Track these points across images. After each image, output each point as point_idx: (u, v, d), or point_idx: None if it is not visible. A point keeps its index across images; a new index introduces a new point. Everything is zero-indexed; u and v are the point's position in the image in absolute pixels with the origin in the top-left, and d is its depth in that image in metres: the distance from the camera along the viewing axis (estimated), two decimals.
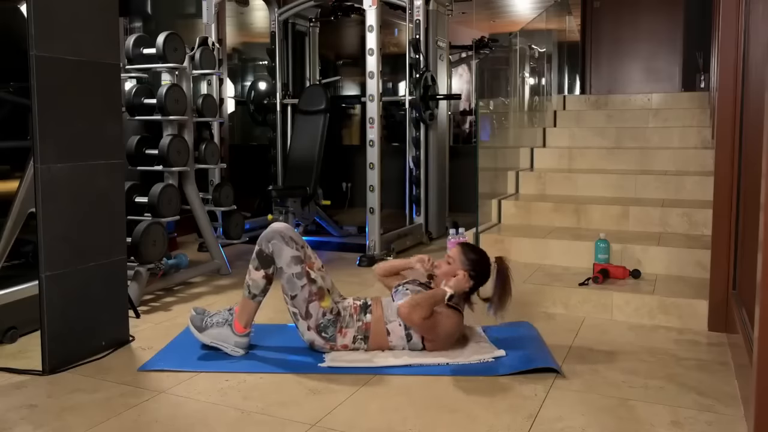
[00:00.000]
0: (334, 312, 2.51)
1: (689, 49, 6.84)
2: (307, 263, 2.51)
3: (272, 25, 5.46)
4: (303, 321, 2.49)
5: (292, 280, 2.46)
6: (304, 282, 2.45)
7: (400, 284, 2.67)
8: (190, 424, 2.01)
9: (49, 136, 2.36)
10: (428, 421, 2.02)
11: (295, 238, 2.52)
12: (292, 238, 2.50)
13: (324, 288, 2.53)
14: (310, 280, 2.48)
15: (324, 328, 2.49)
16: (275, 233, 2.49)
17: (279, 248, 2.47)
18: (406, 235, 4.82)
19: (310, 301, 2.46)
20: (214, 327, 2.55)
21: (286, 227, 2.55)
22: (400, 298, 2.55)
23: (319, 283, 2.51)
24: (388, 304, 2.58)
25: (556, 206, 4.10)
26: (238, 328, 2.54)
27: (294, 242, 2.49)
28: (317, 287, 2.49)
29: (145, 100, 3.77)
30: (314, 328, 2.48)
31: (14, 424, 2.00)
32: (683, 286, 3.18)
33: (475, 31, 8.48)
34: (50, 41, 2.36)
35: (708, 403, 2.14)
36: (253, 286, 2.52)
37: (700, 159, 4.46)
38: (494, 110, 4.98)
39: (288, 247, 2.46)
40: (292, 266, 2.45)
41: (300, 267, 2.46)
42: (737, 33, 2.70)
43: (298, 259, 2.47)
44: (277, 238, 2.48)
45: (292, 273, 2.45)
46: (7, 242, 2.80)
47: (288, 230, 2.53)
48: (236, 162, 6.16)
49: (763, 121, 1.81)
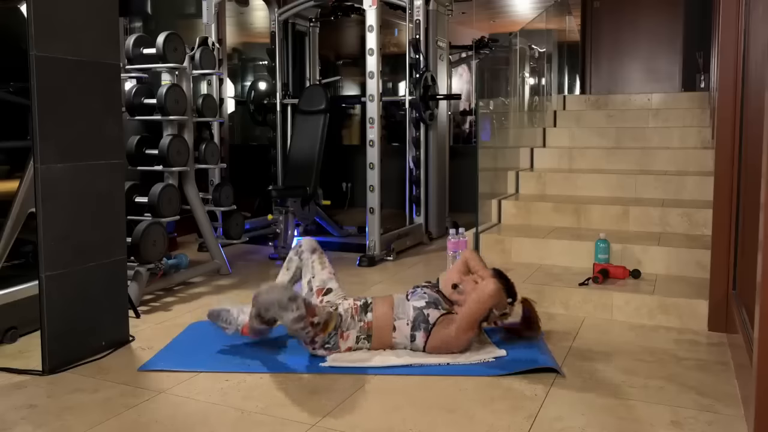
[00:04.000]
0: (337, 326, 2.51)
1: (689, 49, 6.83)
2: (310, 311, 2.41)
3: (272, 25, 5.46)
4: (308, 345, 2.50)
5: (296, 333, 2.45)
6: (308, 330, 2.42)
7: (418, 286, 2.67)
8: (190, 424, 2.01)
9: (49, 136, 2.36)
10: (428, 421, 2.02)
11: (296, 296, 2.42)
12: (290, 299, 2.37)
13: (328, 316, 2.48)
14: (314, 325, 2.43)
15: (327, 341, 2.50)
16: (272, 304, 2.38)
17: (278, 315, 2.41)
18: (406, 235, 4.82)
19: (315, 334, 2.46)
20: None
21: (280, 291, 2.41)
22: (416, 300, 2.56)
23: (323, 316, 2.46)
24: (401, 301, 2.58)
25: (556, 206, 4.10)
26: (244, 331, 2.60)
27: (294, 303, 2.37)
28: (322, 321, 2.45)
29: (145, 100, 3.77)
30: (320, 347, 2.49)
31: (14, 424, 2.00)
32: (683, 286, 3.18)
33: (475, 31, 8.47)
34: (50, 41, 2.36)
35: (708, 403, 2.14)
36: (257, 331, 2.58)
37: (700, 159, 4.46)
38: (494, 110, 4.97)
39: (287, 312, 2.37)
40: (294, 325, 2.40)
41: (302, 323, 2.39)
42: (737, 33, 2.70)
43: (299, 318, 2.38)
44: (273, 310, 2.39)
45: (295, 329, 2.42)
46: (7, 242, 2.80)
47: (284, 293, 2.39)
48: (236, 162, 6.16)
49: (763, 121, 1.81)
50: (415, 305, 2.54)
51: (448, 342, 2.49)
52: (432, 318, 2.50)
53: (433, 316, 2.50)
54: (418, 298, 2.56)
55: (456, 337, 2.48)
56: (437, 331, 2.48)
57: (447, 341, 2.49)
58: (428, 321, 2.49)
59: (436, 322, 2.49)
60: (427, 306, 2.53)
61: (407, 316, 2.52)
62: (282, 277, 2.80)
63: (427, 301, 2.54)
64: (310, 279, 2.74)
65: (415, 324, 2.50)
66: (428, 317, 2.50)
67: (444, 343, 2.49)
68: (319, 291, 2.70)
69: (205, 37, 4.20)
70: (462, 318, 2.49)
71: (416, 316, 2.51)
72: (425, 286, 2.67)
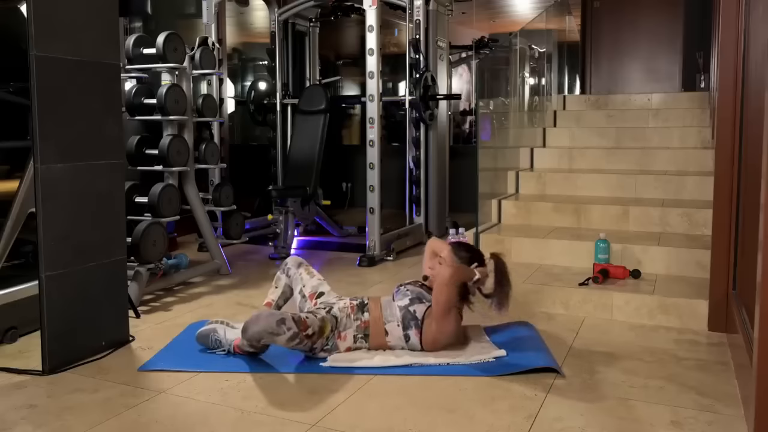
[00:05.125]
0: (334, 328, 2.50)
1: (689, 49, 6.83)
2: (301, 325, 2.39)
3: (272, 25, 5.46)
4: (308, 352, 2.49)
5: (294, 348, 2.43)
6: (305, 342, 2.41)
7: (401, 284, 2.67)
8: (190, 424, 2.01)
9: (49, 136, 2.36)
10: (428, 421, 2.02)
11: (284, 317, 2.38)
12: (279, 322, 2.34)
13: (321, 322, 2.46)
14: (309, 336, 2.41)
15: (326, 344, 2.49)
16: (261, 334, 2.35)
17: (271, 341, 2.39)
18: (406, 235, 4.82)
19: (313, 343, 2.44)
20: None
21: (266, 318, 2.37)
22: (400, 299, 2.56)
23: (316, 325, 2.43)
24: (388, 303, 2.58)
25: (556, 206, 4.10)
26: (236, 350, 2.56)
27: (284, 325, 2.34)
28: (316, 329, 2.43)
29: (145, 100, 3.77)
30: (320, 350, 2.49)
31: (14, 424, 2.00)
32: (683, 286, 3.18)
33: (475, 31, 8.47)
34: (50, 41, 2.36)
35: (708, 403, 2.14)
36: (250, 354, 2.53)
37: (700, 159, 4.46)
38: (494, 110, 4.98)
39: (280, 336, 2.35)
40: (290, 343, 2.38)
41: (297, 339, 2.38)
42: (737, 33, 2.70)
43: (293, 336, 2.36)
44: (266, 337, 2.37)
45: (292, 346, 2.41)
46: (7, 242, 2.79)
47: (270, 319, 2.36)
48: (236, 162, 6.16)
49: (763, 121, 1.81)
50: (400, 305, 2.54)
51: (436, 336, 2.48)
52: (419, 313, 2.50)
53: (420, 311, 2.50)
54: (402, 297, 2.56)
55: (438, 329, 2.47)
56: (428, 324, 2.49)
57: (435, 335, 2.48)
58: (416, 317, 2.49)
59: (424, 316, 2.49)
60: (411, 303, 2.53)
61: (396, 317, 2.52)
62: (271, 295, 2.80)
63: (410, 297, 2.54)
64: (301, 288, 2.75)
65: (405, 324, 2.50)
66: (415, 313, 2.50)
67: (434, 338, 2.49)
68: (312, 295, 2.70)
69: (205, 37, 4.20)
70: (434, 309, 2.48)
71: (404, 316, 2.51)
72: (408, 283, 2.67)
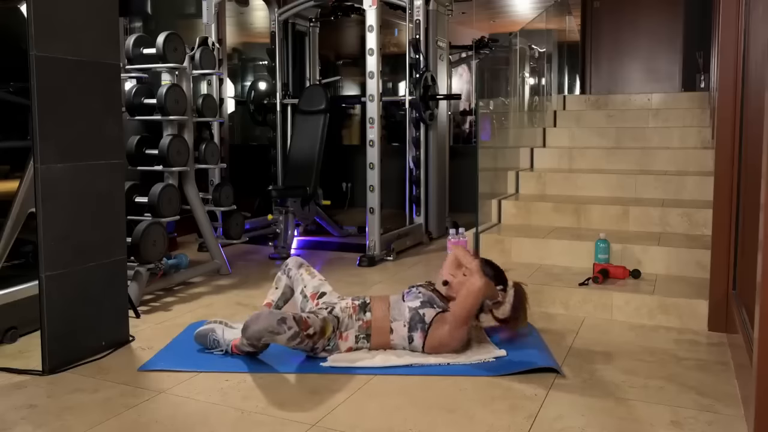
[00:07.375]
0: (335, 328, 2.50)
1: (689, 49, 6.83)
2: (302, 325, 2.39)
3: (272, 25, 5.46)
4: (310, 353, 2.49)
5: (296, 348, 2.43)
6: (306, 342, 2.41)
7: (413, 286, 2.66)
8: (190, 424, 2.01)
9: (49, 136, 2.36)
10: (428, 421, 2.02)
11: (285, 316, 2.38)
12: (280, 321, 2.34)
13: (323, 322, 2.46)
14: (310, 336, 2.41)
15: (328, 345, 2.49)
16: (262, 332, 2.34)
17: (272, 340, 2.39)
18: (406, 235, 4.82)
19: (314, 343, 2.44)
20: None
21: (267, 317, 2.37)
22: (411, 300, 2.56)
23: (318, 325, 2.43)
24: (397, 302, 2.57)
25: (556, 206, 4.10)
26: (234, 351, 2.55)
27: (284, 324, 2.34)
28: (318, 330, 2.42)
29: (145, 100, 3.77)
30: (321, 350, 2.48)
31: (14, 424, 2.00)
32: (683, 286, 3.18)
33: (475, 31, 8.47)
34: (50, 41, 2.36)
35: (708, 403, 2.14)
36: (249, 354, 2.51)
37: (700, 159, 4.46)
38: (494, 110, 4.98)
39: (280, 334, 2.34)
40: (291, 343, 2.38)
41: (298, 338, 2.38)
42: (737, 33, 2.70)
43: (294, 336, 2.36)
44: (266, 336, 2.36)
45: (293, 346, 2.41)
46: (7, 242, 2.79)
47: (271, 318, 2.36)
48: (236, 162, 6.16)
49: (763, 121, 1.81)
50: (410, 306, 2.53)
51: (445, 341, 2.48)
52: (428, 317, 2.50)
53: (429, 316, 2.50)
54: (413, 298, 2.56)
55: (450, 335, 2.48)
56: (434, 330, 2.48)
57: (443, 340, 2.48)
58: (424, 321, 2.49)
59: (432, 322, 2.49)
60: (422, 306, 2.52)
61: (403, 317, 2.52)
62: (271, 296, 2.80)
63: (422, 300, 2.54)
64: (303, 288, 2.75)
65: (412, 325, 2.50)
66: (424, 317, 2.50)
67: (441, 343, 2.49)
68: (314, 295, 2.70)
69: (205, 37, 4.20)
70: (454, 315, 2.48)
71: (412, 317, 2.50)
72: (421, 285, 2.66)
